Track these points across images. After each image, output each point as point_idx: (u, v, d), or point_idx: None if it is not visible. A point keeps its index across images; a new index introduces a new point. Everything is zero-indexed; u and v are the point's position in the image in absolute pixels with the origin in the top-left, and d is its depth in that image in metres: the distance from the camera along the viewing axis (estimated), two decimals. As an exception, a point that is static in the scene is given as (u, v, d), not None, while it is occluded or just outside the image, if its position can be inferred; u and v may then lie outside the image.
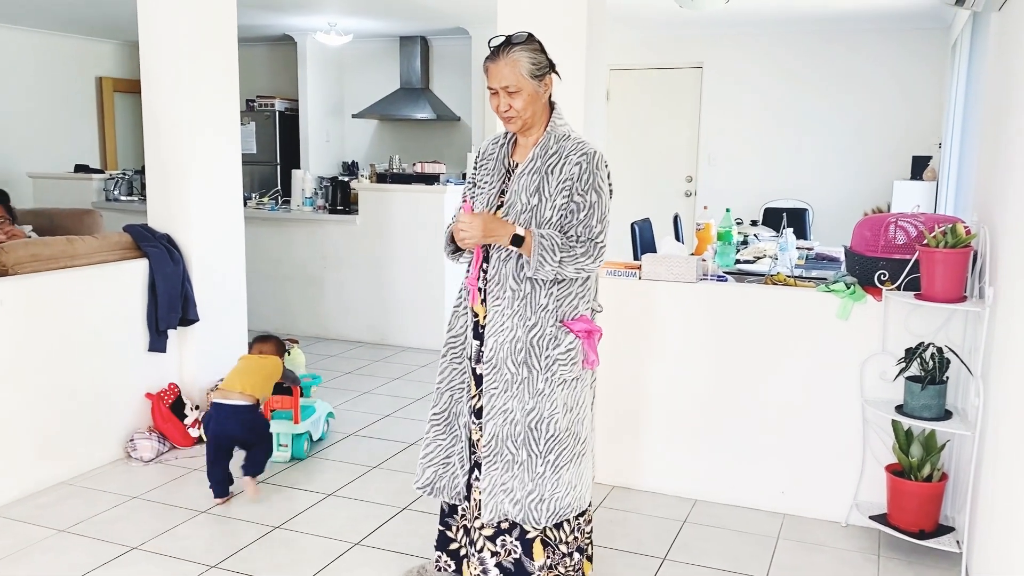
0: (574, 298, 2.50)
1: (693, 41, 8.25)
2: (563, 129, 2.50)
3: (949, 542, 3.03)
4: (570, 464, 2.51)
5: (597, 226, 2.42)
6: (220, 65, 4.39)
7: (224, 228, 4.49)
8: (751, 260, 4.87)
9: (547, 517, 2.50)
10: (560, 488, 2.49)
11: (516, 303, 2.46)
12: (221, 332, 4.49)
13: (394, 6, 7.16)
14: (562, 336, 2.47)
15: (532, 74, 2.40)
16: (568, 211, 2.43)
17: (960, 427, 2.97)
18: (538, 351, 2.46)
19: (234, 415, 3.53)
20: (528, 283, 2.45)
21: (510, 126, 2.48)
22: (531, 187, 2.44)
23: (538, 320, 2.45)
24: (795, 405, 3.44)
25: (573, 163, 2.41)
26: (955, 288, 2.94)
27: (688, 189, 8.54)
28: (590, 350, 2.50)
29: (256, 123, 9.08)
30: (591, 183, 2.41)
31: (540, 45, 2.45)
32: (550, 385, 2.46)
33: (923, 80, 7.52)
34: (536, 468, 2.48)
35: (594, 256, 2.42)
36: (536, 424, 2.47)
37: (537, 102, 2.44)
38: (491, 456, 2.51)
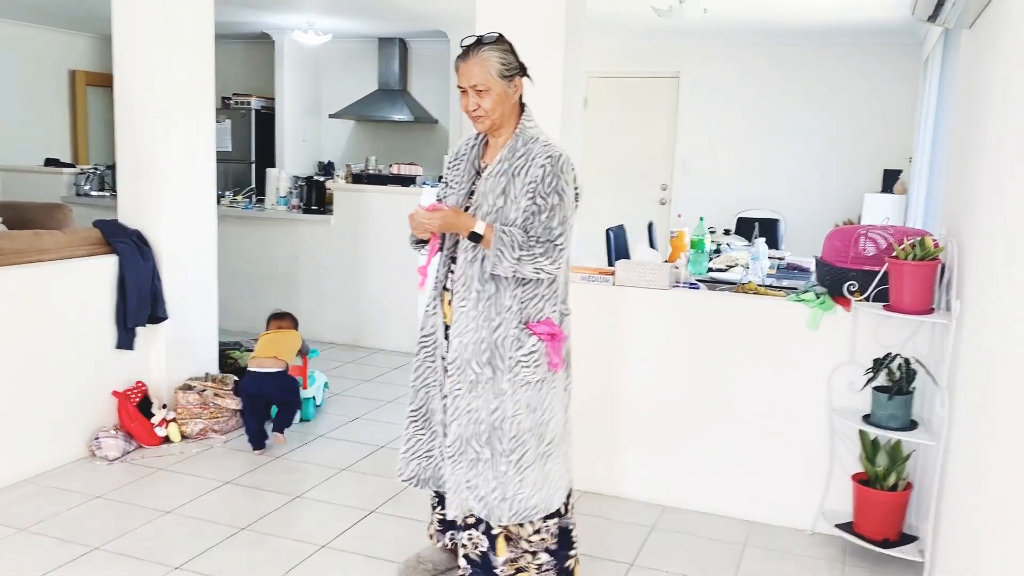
0: (539, 300, 2.51)
1: (671, 50, 8.31)
2: (532, 131, 2.52)
3: (913, 551, 3.07)
4: (535, 465, 2.52)
5: (557, 228, 2.43)
6: (196, 61, 4.35)
7: (196, 226, 4.45)
8: (723, 268, 4.91)
9: (510, 516, 2.52)
10: (524, 488, 2.51)
11: (481, 304, 2.48)
12: (191, 331, 4.45)
13: (373, 7, 7.14)
14: (525, 338, 2.48)
15: (501, 74, 2.43)
16: (531, 212, 2.44)
17: (925, 437, 3.01)
18: (502, 352, 2.48)
19: (270, 379, 4.18)
20: (493, 284, 2.47)
21: (478, 125, 2.50)
22: (498, 189, 2.47)
23: (502, 321, 2.47)
24: (764, 413, 3.47)
25: (538, 165, 2.43)
26: (923, 300, 2.98)
27: (663, 197, 8.59)
28: (553, 353, 2.51)
29: (232, 121, 9.00)
30: (554, 186, 2.42)
31: (511, 47, 2.48)
32: (513, 386, 2.48)
33: (895, 95, 7.63)
34: (499, 467, 2.51)
35: (553, 257, 2.42)
36: (500, 423, 2.50)
37: (506, 102, 2.46)
38: (455, 456, 2.55)
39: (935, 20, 3.44)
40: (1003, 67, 2.40)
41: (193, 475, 3.80)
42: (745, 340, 3.47)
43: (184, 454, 4.04)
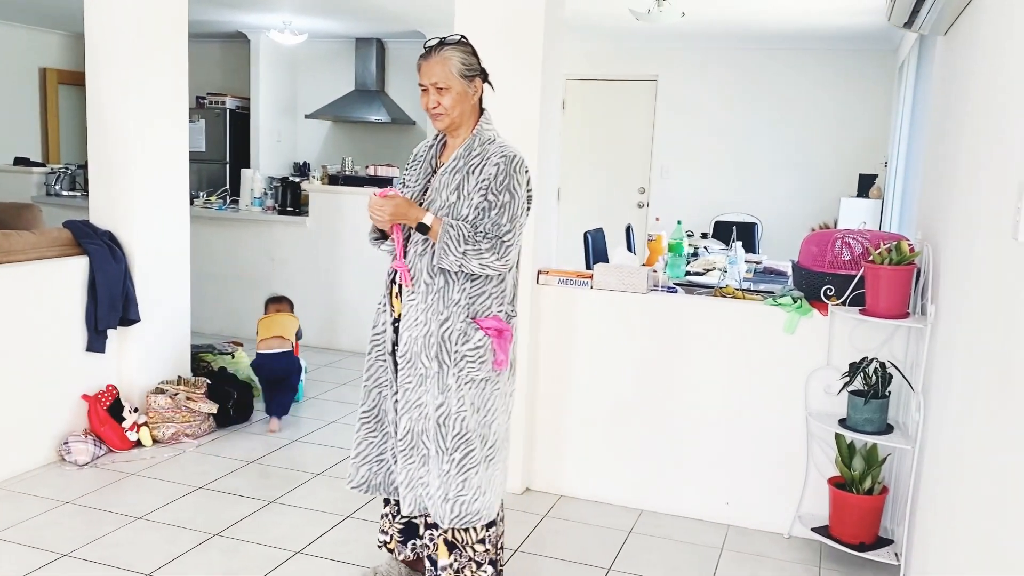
0: (487, 297, 2.53)
1: (649, 54, 8.33)
2: (489, 133, 2.57)
3: (888, 554, 3.08)
4: (479, 467, 2.52)
5: (507, 225, 2.46)
6: (170, 60, 4.29)
7: (169, 227, 4.39)
8: (701, 272, 4.91)
9: (451, 518, 2.51)
10: (467, 491, 2.51)
11: (430, 297, 2.50)
12: (163, 333, 4.38)
13: (349, 7, 7.09)
14: (472, 332, 2.50)
15: (462, 73, 2.48)
16: (482, 209, 2.48)
17: (901, 441, 3.02)
18: (449, 346, 2.49)
19: (280, 359, 4.55)
20: (441, 277, 2.49)
21: (438, 123, 2.55)
22: (452, 185, 2.51)
23: (450, 315, 2.49)
24: (741, 417, 3.47)
25: (492, 163, 2.48)
26: (899, 304, 2.99)
27: (641, 200, 8.61)
28: (499, 350, 2.53)
29: (206, 120, 8.91)
30: (506, 184, 2.47)
31: (473, 49, 2.55)
32: (458, 382, 2.49)
33: (871, 100, 7.69)
34: (442, 465, 2.51)
35: (499, 254, 2.44)
36: (444, 420, 2.50)
37: (465, 102, 2.51)
38: (407, 450, 2.55)
39: (910, 26, 3.46)
40: (977, 73, 2.41)
41: (165, 480, 3.74)
42: (723, 344, 3.47)
43: (156, 458, 3.98)
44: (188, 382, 4.36)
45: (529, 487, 3.81)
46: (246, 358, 5.04)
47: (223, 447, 4.17)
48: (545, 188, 3.74)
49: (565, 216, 8.66)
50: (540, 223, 3.71)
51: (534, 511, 3.58)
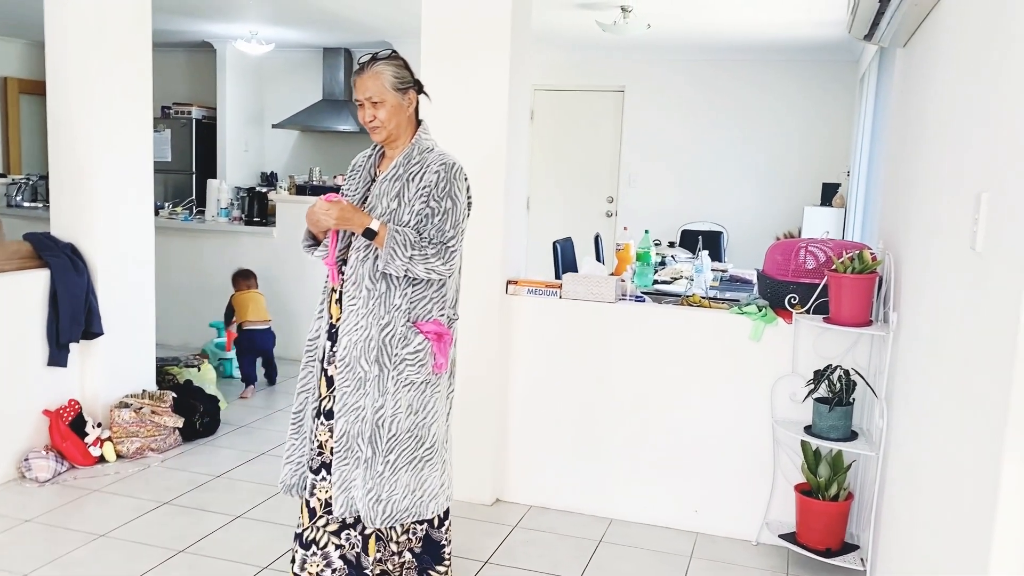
0: (428, 302, 2.58)
1: (616, 64, 8.39)
2: (428, 143, 2.64)
3: (854, 560, 3.12)
4: (408, 467, 2.58)
5: (450, 231, 2.53)
6: (133, 70, 4.24)
7: (133, 238, 4.33)
8: (668, 281, 4.95)
9: (383, 518, 2.56)
10: (397, 490, 2.56)
11: (371, 302, 2.55)
12: (127, 346, 4.32)
13: (317, 17, 7.06)
14: (412, 336, 2.55)
15: (395, 87, 2.56)
16: (424, 216, 2.54)
17: (865, 448, 3.06)
18: (389, 350, 2.54)
19: (266, 334, 5.41)
20: (383, 283, 2.54)
21: (375, 136, 2.62)
22: (392, 192, 2.57)
23: (391, 319, 2.54)
24: (709, 425, 3.50)
25: (432, 171, 2.55)
26: (861, 312, 3.04)
27: (609, 209, 8.65)
28: (439, 353, 2.58)
29: (172, 130, 8.80)
30: (447, 190, 2.53)
31: (405, 63, 2.62)
32: (397, 385, 2.54)
33: (834, 110, 7.81)
34: (376, 467, 2.55)
35: (444, 259, 2.51)
36: (381, 422, 2.55)
37: (400, 114, 2.58)
38: (342, 452, 2.58)
39: (870, 39, 3.53)
40: (935, 85, 2.46)
41: (129, 496, 3.68)
42: (690, 352, 3.50)
43: (120, 474, 3.91)
44: (153, 396, 4.30)
45: (500, 498, 3.80)
46: (212, 371, 4.98)
47: (189, 461, 4.12)
48: (514, 198, 3.75)
49: (535, 225, 8.69)
50: (509, 233, 3.71)
51: (504, 522, 3.57)
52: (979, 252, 1.70)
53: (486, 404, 3.68)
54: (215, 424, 4.53)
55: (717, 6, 5.78)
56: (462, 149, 3.55)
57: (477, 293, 3.61)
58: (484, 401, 3.68)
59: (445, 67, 3.63)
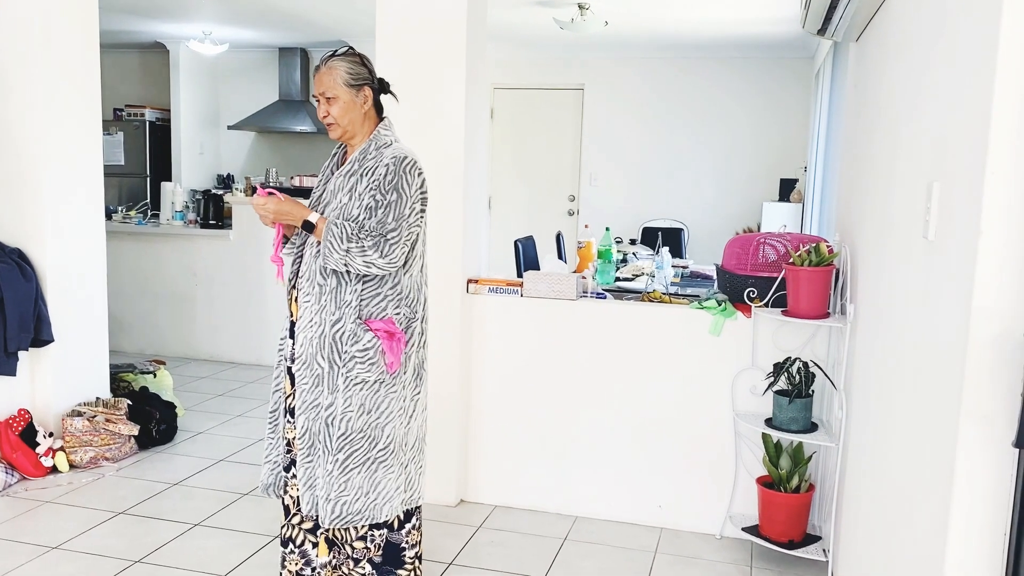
0: (381, 299, 2.55)
1: (575, 62, 8.40)
2: (386, 138, 2.62)
3: (816, 551, 3.14)
4: (361, 468, 2.54)
5: (391, 223, 2.48)
6: (80, 71, 4.14)
7: (84, 243, 4.22)
8: (630, 278, 4.96)
9: (331, 519, 2.53)
10: (348, 491, 2.53)
11: (323, 298, 2.53)
12: (79, 353, 4.21)
13: (272, 17, 6.97)
14: (361, 333, 2.52)
15: (348, 83, 2.54)
16: (370, 208, 2.51)
17: (825, 439, 3.09)
18: (339, 347, 2.52)
19: None
20: (334, 278, 2.52)
21: (331, 133, 2.62)
22: (345, 187, 2.56)
23: (341, 316, 2.52)
24: (670, 419, 3.51)
25: (383, 164, 2.53)
26: (819, 305, 3.06)
27: (571, 208, 8.66)
28: (389, 352, 2.54)
29: (125, 133, 8.62)
30: (393, 183, 2.50)
31: (362, 60, 2.61)
32: (347, 383, 2.52)
33: (790, 106, 7.90)
34: (327, 465, 2.53)
35: (382, 251, 2.45)
36: (331, 420, 2.53)
37: (354, 110, 2.57)
38: (304, 449, 2.56)
39: (824, 34, 3.56)
40: (887, 78, 2.48)
41: (83, 507, 3.59)
42: (651, 348, 3.50)
43: (73, 484, 3.82)
44: (108, 403, 4.20)
45: (464, 499, 3.77)
46: (169, 377, 4.88)
47: (145, 470, 4.03)
48: (474, 197, 3.73)
49: (497, 224, 8.68)
50: (469, 232, 3.69)
51: (468, 523, 3.54)
52: (931, 241, 1.71)
53: (449, 404, 3.65)
54: (172, 431, 4.44)
55: (674, 3, 5.81)
56: (419, 148, 3.52)
57: (438, 293, 3.57)
58: (447, 401, 3.64)
59: (401, 66, 3.59)
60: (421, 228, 2.58)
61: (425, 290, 2.69)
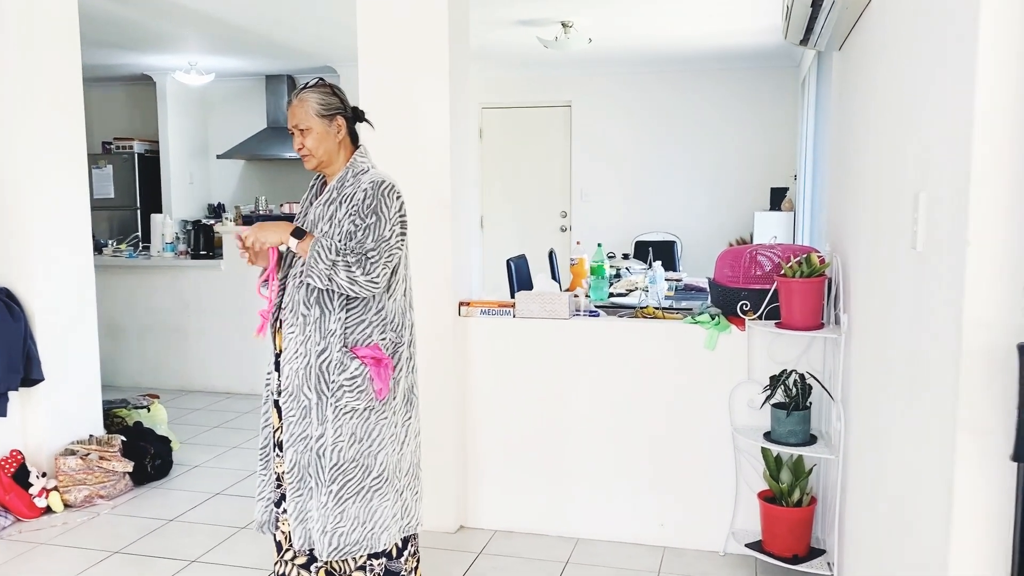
0: (366, 325, 2.53)
1: (561, 80, 8.42)
2: (363, 165, 2.62)
3: (821, 565, 3.10)
4: (356, 498, 2.51)
5: (370, 243, 2.47)
6: (64, 107, 4.12)
7: (71, 280, 4.19)
8: (624, 293, 4.94)
9: (329, 551, 2.50)
10: (345, 522, 2.50)
11: (308, 328, 2.51)
12: (70, 391, 4.17)
13: (256, 46, 6.98)
14: (348, 362, 2.50)
15: (319, 113, 2.55)
16: (349, 233, 2.50)
17: (824, 451, 3.06)
18: (327, 376, 2.49)
19: None
20: (317, 307, 2.50)
21: (306, 164, 2.63)
22: (326, 215, 2.56)
23: (327, 345, 2.50)
24: (668, 436, 3.47)
25: (361, 190, 2.53)
26: (812, 316, 3.04)
27: (563, 224, 8.66)
28: (378, 379, 2.52)
29: (114, 166, 8.61)
30: (372, 206, 2.50)
31: (333, 90, 2.62)
32: (337, 412, 2.49)
33: (778, 115, 7.92)
34: (321, 497, 2.50)
35: (365, 269, 2.44)
36: (321, 451, 2.50)
37: (328, 140, 2.58)
38: (294, 483, 2.53)
39: (807, 44, 3.56)
40: (871, 87, 2.47)
41: (78, 547, 3.54)
42: (646, 365, 3.47)
43: (68, 524, 3.77)
44: (101, 440, 4.16)
45: (463, 524, 3.73)
46: (163, 411, 4.84)
47: (141, 507, 3.98)
48: (462, 217, 3.71)
49: (491, 244, 8.66)
50: (459, 253, 3.66)
51: (469, 549, 3.50)
52: (920, 252, 1.69)
53: (445, 429, 3.61)
54: (167, 466, 4.39)
55: (656, 18, 5.82)
56: (405, 172, 3.50)
57: (429, 316, 3.55)
58: (443, 426, 3.61)
59: (384, 90, 3.58)
60: (403, 251, 2.57)
61: (410, 314, 2.67)
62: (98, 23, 5.95)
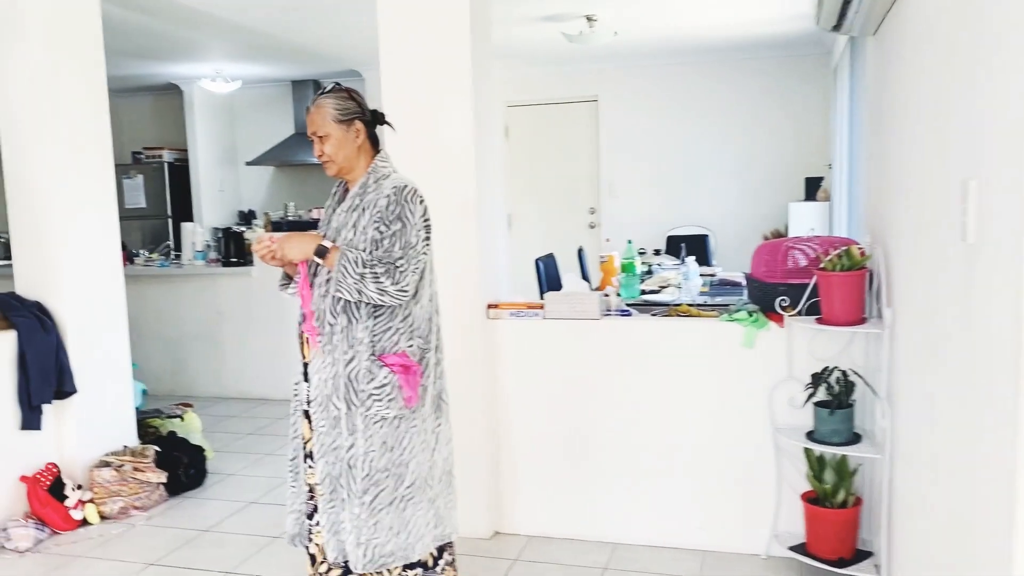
0: (393, 333, 2.49)
1: (587, 75, 8.32)
2: (384, 170, 2.58)
3: (868, 568, 2.99)
4: (389, 508, 2.47)
5: (398, 251, 2.44)
6: (89, 120, 4.13)
7: (101, 291, 4.20)
8: (656, 290, 4.84)
9: (364, 563, 2.45)
10: (379, 533, 2.45)
11: (335, 338, 2.47)
12: (104, 403, 4.18)
13: (281, 52, 6.98)
14: (377, 370, 2.46)
15: (336, 119, 2.51)
16: (375, 240, 2.46)
17: (870, 450, 2.95)
18: (355, 386, 2.45)
19: None
20: (344, 316, 2.46)
21: (327, 171, 2.58)
22: (349, 223, 2.52)
23: (355, 354, 2.46)
24: (707, 437, 3.38)
25: (384, 196, 2.48)
26: (854, 310, 2.93)
27: (592, 221, 8.56)
28: (407, 386, 2.47)
29: (144, 176, 8.68)
30: (397, 213, 2.46)
31: (350, 94, 2.57)
32: (366, 422, 2.45)
33: (810, 103, 7.75)
34: (354, 509, 2.46)
35: (394, 279, 2.40)
36: (352, 462, 2.46)
37: (347, 146, 2.54)
38: (326, 495, 2.50)
39: (839, 29, 3.44)
40: (910, 71, 2.37)
41: (114, 559, 3.53)
42: (682, 364, 3.38)
43: (103, 536, 3.77)
44: (135, 451, 4.16)
45: (498, 531, 3.66)
46: (197, 420, 4.84)
47: (176, 517, 3.98)
48: (488, 218, 3.65)
49: (520, 244, 8.59)
50: (486, 255, 3.60)
51: (504, 556, 3.44)
52: (971, 243, 1.60)
53: (476, 434, 3.55)
54: (201, 475, 4.39)
55: (682, 8, 5.71)
56: (429, 173, 3.45)
57: (457, 320, 3.49)
58: (474, 431, 3.55)
59: (407, 91, 3.53)
60: (428, 256, 2.53)
61: (437, 319, 2.62)
62: (124, 34, 5.98)
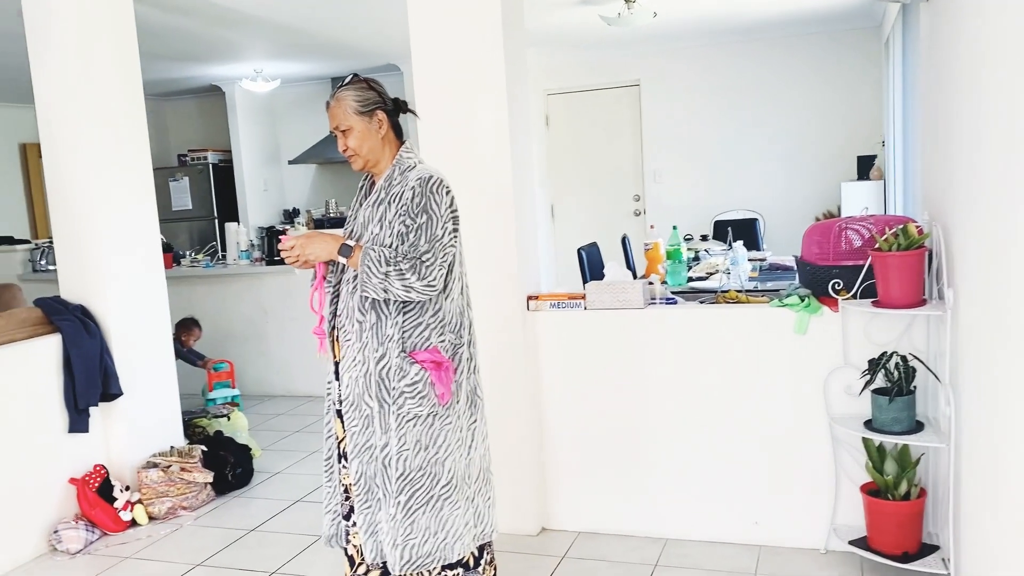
0: (424, 328, 2.42)
1: (628, 59, 8.16)
2: (409, 161, 2.50)
3: (935, 562, 2.84)
4: (425, 508, 2.40)
5: (424, 245, 2.36)
6: (127, 122, 4.13)
7: (144, 294, 4.21)
8: (704, 276, 4.71)
9: (402, 564, 2.39)
10: (415, 534, 2.39)
11: (364, 334, 2.40)
12: (149, 404, 4.19)
13: (318, 49, 6.96)
14: (408, 367, 2.39)
15: (357, 111, 2.45)
16: (401, 234, 2.39)
17: (933, 439, 2.79)
18: (387, 383, 2.39)
19: None
20: (373, 313, 2.40)
21: (353, 165, 2.51)
22: (376, 217, 2.44)
23: (385, 351, 2.39)
24: (760, 429, 3.25)
25: (409, 188, 2.41)
26: (913, 292, 2.77)
27: (637, 208, 8.41)
28: (439, 383, 2.40)
29: (190, 177, 8.77)
30: (422, 205, 2.38)
31: (369, 84, 2.50)
32: (399, 420, 2.38)
33: (860, 79, 7.48)
34: (389, 509, 2.39)
35: (421, 274, 2.32)
36: (387, 461, 2.40)
37: (371, 138, 2.47)
38: (362, 495, 2.44)
39: (890, -5, 3.26)
40: (968, 35, 2.21)
41: (163, 560, 3.54)
42: (732, 353, 3.25)
43: (152, 537, 3.78)
44: (182, 452, 4.17)
45: (545, 527, 3.58)
46: (244, 418, 4.85)
47: (222, 517, 3.97)
48: (526, 208, 3.55)
49: (563, 234, 8.49)
50: (524, 246, 3.51)
51: (551, 553, 3.35)
52: (1045, 216, 1.46)
53: (520, 429, 3.47)
54: (248, 474, 4.39)
55: (724, -15, 5.53)
56: (463, 164, 3.38)
57: (496, 312, 3.41)
58: (518, 426, 3.47)
59: (440, 84, 3.44)
60: (457, 248, 2.45)
61: (469, 313, 2.54)
62: (163, 37, 6.01)
